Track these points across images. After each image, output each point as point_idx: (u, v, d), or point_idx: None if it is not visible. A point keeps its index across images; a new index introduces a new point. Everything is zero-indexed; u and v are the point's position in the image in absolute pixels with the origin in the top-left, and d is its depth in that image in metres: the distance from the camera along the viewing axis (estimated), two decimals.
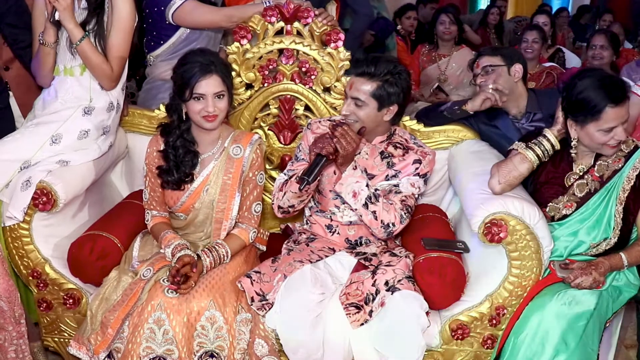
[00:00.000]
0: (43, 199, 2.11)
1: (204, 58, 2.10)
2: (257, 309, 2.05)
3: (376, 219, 2.13)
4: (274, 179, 2.53)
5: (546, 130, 2.14)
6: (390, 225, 2.14)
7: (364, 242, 2.29)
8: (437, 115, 2.61)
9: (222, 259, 2.12)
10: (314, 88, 2.54)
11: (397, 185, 2.21)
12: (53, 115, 2.26)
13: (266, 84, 2.55)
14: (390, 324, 1.96)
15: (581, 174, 2.15)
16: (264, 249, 2.41)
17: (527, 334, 1.99)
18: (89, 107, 2.28)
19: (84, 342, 2.04)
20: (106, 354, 2.01)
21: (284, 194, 2.23)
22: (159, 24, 2.70)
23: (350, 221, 2.27)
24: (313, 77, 2.52)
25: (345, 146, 2.06)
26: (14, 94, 2.65)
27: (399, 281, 2.01)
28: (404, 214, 2.16)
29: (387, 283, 2.02)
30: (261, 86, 2.55)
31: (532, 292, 2.06)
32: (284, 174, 2.30)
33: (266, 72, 2.53)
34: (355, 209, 2.16)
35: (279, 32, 2.52)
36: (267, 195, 2.56)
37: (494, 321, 2.11)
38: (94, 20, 2.23)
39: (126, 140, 2.62)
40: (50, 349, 2.34)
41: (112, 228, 2.23)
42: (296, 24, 2.49)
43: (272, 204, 2.31)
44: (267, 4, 2.54)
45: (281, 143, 2.61)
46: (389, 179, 2.23)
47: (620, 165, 2.11)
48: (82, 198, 2.31)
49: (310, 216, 2.37)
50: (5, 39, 2.58)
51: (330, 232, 2.31)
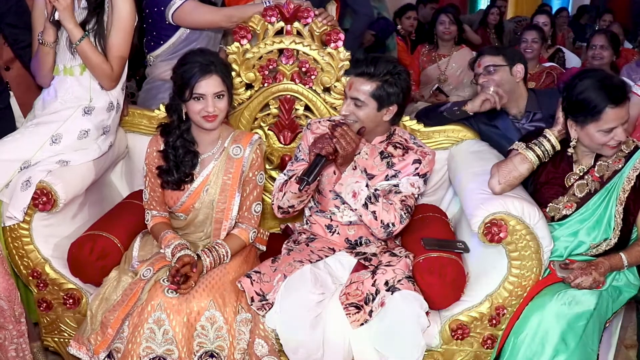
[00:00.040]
0: (43, 199, 2.11)
1: (204, 58, 2.10)
2: (257, 309, 2.05)
3: (376, 219, 2.13)
4: (274, 179, 2.53)
5: (547, 131, 2.14)
6: (390, 225, 2.14)
7: (363, 242, 2.29)
8: (437, 115, 2.62)
9: (222, 259, 2.12)
10: (314, 88, 2.54)
11: (396, 185, 2.21)
12: (53, 115, 2.26)
13: (266, 84, 2.55)
14: (390, 324, 1.95)
15: (581, 174, 2.15)
16: (264, 249, 2.41)
17: (527, 334, 1.99)
18: (89, 107, 2.28)
19: (84, 342, 2.03)
20: (106, 354, 2.01)
21: (284, 194, 2.23)
22: (159, 24, 2.70)
23: (350, 221, 2.27)
24: (313, 77, 2.52)
25: (345, 146, 2.05)
26: (15, 93, 2.65)
27: (399, 281, 2.01)
28: (404, 214, 2.16)
29: (387, 283, 2.02)
30: (261, 86, 2.55)
31: (532, 292, 2.06)
32: (284, 174, 2.30)
33: (266, 72, 2.53)
34: (355, 209, 2.16)
35: (279, 32, 2.52)
36: (267, 195, 2.56)
37: (493, 321, 2.11)
38: (93, 19, 2.23)
39: (126, 140, 2.62)
40: (50, 349, 2.34)
41: (112, 228, 2.23)
42: (296, 24, 2.49)
43: (272, 204, 2.31)
44: (267, 4, 2.54)
45: (281, 143, 2.61)
46: (388, 179, 2.23)
47: (620, 166, 2.10)
48: (82, 198, 2.31)
49: (310, 216, 2.37)
50: (6, 39, 2.58)
51: (330, 232, 2.31)
